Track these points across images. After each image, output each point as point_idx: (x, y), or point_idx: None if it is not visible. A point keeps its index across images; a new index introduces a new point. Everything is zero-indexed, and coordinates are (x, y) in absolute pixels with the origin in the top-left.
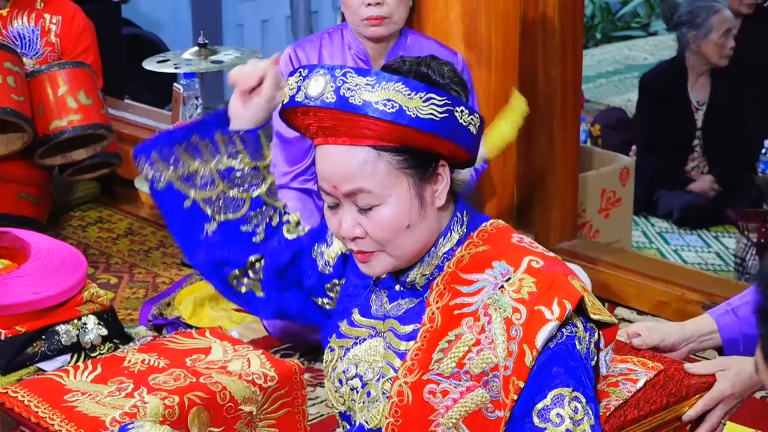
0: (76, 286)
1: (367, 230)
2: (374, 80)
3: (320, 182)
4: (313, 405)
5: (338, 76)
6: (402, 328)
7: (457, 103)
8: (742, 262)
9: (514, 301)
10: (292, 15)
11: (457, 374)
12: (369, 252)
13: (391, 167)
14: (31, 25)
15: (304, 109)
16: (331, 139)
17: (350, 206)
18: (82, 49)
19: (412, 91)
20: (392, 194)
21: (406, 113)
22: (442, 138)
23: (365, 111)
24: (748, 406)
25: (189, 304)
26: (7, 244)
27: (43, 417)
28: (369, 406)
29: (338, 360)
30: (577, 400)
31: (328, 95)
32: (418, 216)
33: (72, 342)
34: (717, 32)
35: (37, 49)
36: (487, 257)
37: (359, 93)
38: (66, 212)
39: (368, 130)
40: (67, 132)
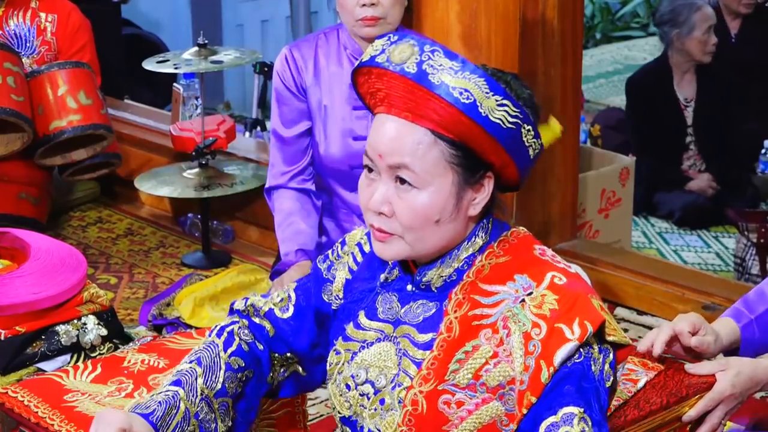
0: (75, 286)
1: (395, 210)
2: (459, 66)
3: (367, 148)
4: (313, 405)
5: (426, 50)
6: (419, 336)
7: (527, 121)
8: (741, 262)
9: (535, 316)
10: (291, 15)
11: (473, 386)
12: (388, 233)
13: (442, 157)
14: (27, 24)
15: (381, 71)
16: (395, 111)
17: (388, 181)
18: (79, 47)
19: (491, 90)
20: (434, 183)
21: (478, 109)
22: (501, 147)
23: (440, 92)
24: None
25: (189, 304)
26: (7, 244)
27: (43, 417)
28: (383, 414)
29: (345, 364)
30: (585, 422)
31: (410, 65)
32: (450, 215)
33: (72, 342)
34: (700, 29)
35: (33, 48)
36: (509, 269)
37: (440, 73)
38: (66, 212)
39: (434, 113)
40: (67, 132)
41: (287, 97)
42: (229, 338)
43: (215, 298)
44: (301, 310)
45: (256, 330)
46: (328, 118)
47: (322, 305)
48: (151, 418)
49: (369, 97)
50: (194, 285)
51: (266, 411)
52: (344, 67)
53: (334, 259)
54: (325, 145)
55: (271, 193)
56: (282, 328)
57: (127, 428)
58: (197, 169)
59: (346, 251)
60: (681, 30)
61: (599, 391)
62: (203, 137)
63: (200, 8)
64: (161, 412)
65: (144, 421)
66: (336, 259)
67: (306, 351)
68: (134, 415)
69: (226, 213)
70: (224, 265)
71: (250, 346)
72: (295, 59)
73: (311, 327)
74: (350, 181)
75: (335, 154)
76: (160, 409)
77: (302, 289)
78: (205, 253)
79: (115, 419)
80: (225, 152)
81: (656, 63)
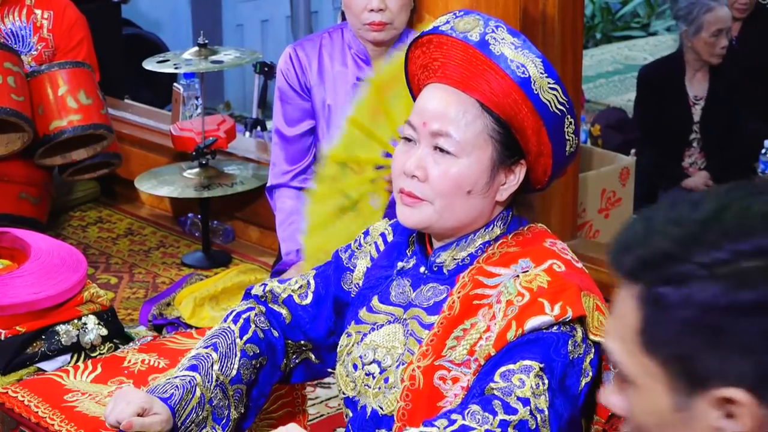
0: (76, 286)
1: (429, 175)
2: (520, 43)
3: (412, 116)
4: (313, 405)
5: (490, 24)
6: (427, 318)
7: (571, 114)
8: None
9: (522, 288)
10: (292, 15)
11: (467, 362)
12: (417, 198)
13: (485, 130)
14: (23, 22)
15: (442, 40)
16: (447, 80)
17: (426, 147)
18: (76, 43)
19: (546, 72)
20: (472, 154)
21: (531, 86)
22: (544, 129)
23: (498, 62)
24: None
25: (189, 304)
26: (7, 244)
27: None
28: (386, 392)
29: (355, 345)
30: (542, 379)
31: (473, 34)
32: (481, 190)
33: (72, 342)
34: (708, 30)
35: (31, 46)
36: (515, 255)
37: (501, 45)
38: (66, 212)
39: (487, 84)
40: (67, 132)
41: (291, 96)
42: (245, 325)
43: (215, 298)
44: (320, 297)
45: (272, 317)
46: (332, 118)
47: (341, 293)
48: (169, 402)
49: (421, 72)
50: (194, 285)
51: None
52: (348, 67)
53: (355, 248)
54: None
55: (272, 192)
56: (300, 314)
57: (148, 408)
58: (197, 169)
59: (369, 241)
60: (689, 28)
61: (569, 369)
62: (203, 137)
63: (200, 8)
64: (179, 397)
65: (163, 404)
66: (357, 249)
67: (322, 338)
68: (154, 397)
69: (226, 213)
70: (224, 265)
71: (265, 334)
72: (299, 58)
73: (329, 315)
74: None
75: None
76: (177, 394)
77: (322, 276)
78: (205, 253)
79: (136, 398)
80: (225, 152)
81: (671, 57)
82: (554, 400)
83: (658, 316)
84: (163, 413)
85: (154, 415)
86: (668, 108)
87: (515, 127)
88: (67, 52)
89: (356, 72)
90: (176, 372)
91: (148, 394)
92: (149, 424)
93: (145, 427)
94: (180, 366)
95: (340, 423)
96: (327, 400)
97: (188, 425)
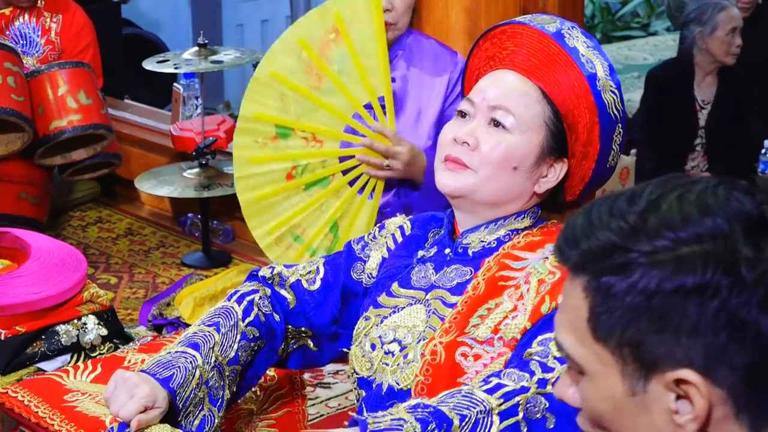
0: (75, 286)
1: (480, 143)
2: (593, 44)
3: (471, 94)
4: (313, 405)
5: (566, 24)
6: (451, 298)
7: (623, 124)
8: None
9: (553, 267)
10: (292, 15)
11: (491, 340)
12: (463, 164)
13: (542, 116)
14: (32, 24)
15: (517, 30)
16: (515, 66)
17: (482, 120)
18: (82, 48)
19: (611, 76)
20: (526, 133)
21: (597, 83)
22: (597, 128)
23: (571, 54)
24: None
25: (189, 304)
26: (7, 244)
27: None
28: (404, 368)
29: (374, 327)
30: None
31: (550, 27)
32: (527, 170)
33: (72, 342)
34: (723, 29)
35: (38, 48)
36: (541, 242)
37: (575, 41)
38: (66, 212)
39: (555, 75)
40: (67, 132)
41: None
42: (248, 307)
43: (215, 298)
44: (328, 284)
45: (276, 300)
46: None
47: (350, 282)
48: (171, 384)
49: (485, 63)
50: (194, 285)
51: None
52: None
53: (369, 240)
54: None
55: None
56: (306, 300)
57: (150, 406)
58: (197, 168)
59: (384, 234)
60: (704, 29)
61: None
62: (203, 137)
63: (200, 8)
64: (181, 378)
65: (165, 393)
66: (371, 240)
67: (324, 325)
68: (156, 385)
69: (226, 213)
70: (224, 265)
71: (267, 318)
72: None
73: (335, 302)
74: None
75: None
76: (179, 375)
77: (331, 264)
78: (205, 253)
79: (140, 394)
80: (225, 152)
81: (679, 60)
82: None
83: (606, 305)
84: (164, 405)
85: (156, 408)
86: (674, 112)
87: (569, 122)
88: (72, 56)
89: None
90: (176, 347)
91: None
92: (153, 419)
93: (149, 422)
94: (181, 340)
95: (341, 422)
96: (327, 400)
97: (187, 406)
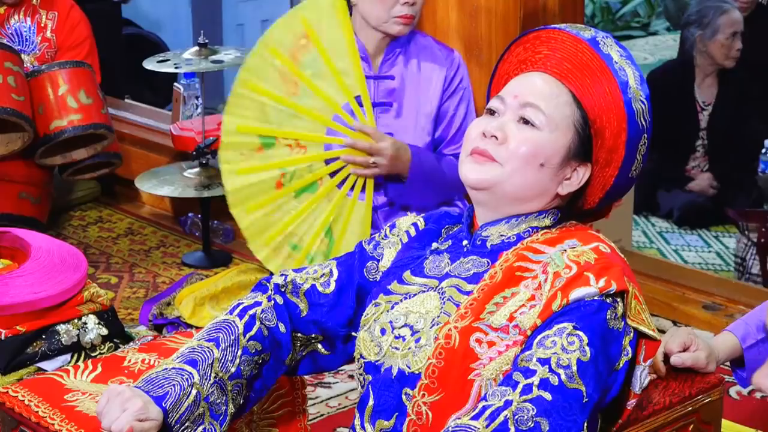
0: (76, 285)
1: (509, 137)
2: (626, 54)
3: (501, 93)
4: (313, 405)
5: (600, 33)
6: (467, 286)
7: (649, 134)
8: (742, 261)
9: (570, 261)
10: None
11: (506, 327)
12: (490, 157)
13: (572, 118)
14: (27, 22)
15: (552, 35)
16: (548, 69)
17: (512, 117)
18: (78, 44)
19: (641, 86)
20: (554, 132)
21: (627, 90)
22: (624, 135)
23: (605, 60)
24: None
25: (189, 304)
26: (7, 243)
27: (44, 417)
28: (416, 351)
29: (384, 312)
30: (578, 337)
31: (585, 33)
32: (553, 168)
33: (72, 342)
34: (723, 33)
35: (34, 46)
36: (561, 237)
37: (609, 49)
38: (66, 212)
39: (588, 79)
40: (67, 132)
41: None
42: (250, 321)
43: (215, 297)
44: (342, 285)
45: (287, 309)
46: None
47: (365, 283)
48: (163, 404)
49: (515, 67)
50: (195, 284)
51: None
52: None
53: (380, 239)
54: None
55: None
56: (320, 303)
57: (143, 419)
58: (198, 168)
59: (395, 233)
60: (705, 32)
61: (608, 335)
62: (204, 137)
63: (201, 8)
64: (174, 397)
65: (158, 409)
66: (383, 239)
67: (339, 326)
68: (149, 400)
69: (227, 213)
70: (224, 264)
71: (270, 331)
72: None
73: (350, 304)
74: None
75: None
76: (173, 393)
77: (344, 265)
78: (205, 253)
79: (132, 408)
80: None
81: (680, 62)
82: (597, 357)
83: None
84: (158, 418)
85: (151, 420)
86: (676, 113)
87: (596, 128)
88: (68, 50)
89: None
90: (173, 363)
91: (142, 397)
92: (148, 429)
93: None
94: (179, 355)
95: (340, 423)
96: (327, 400)
97: (183, 422)
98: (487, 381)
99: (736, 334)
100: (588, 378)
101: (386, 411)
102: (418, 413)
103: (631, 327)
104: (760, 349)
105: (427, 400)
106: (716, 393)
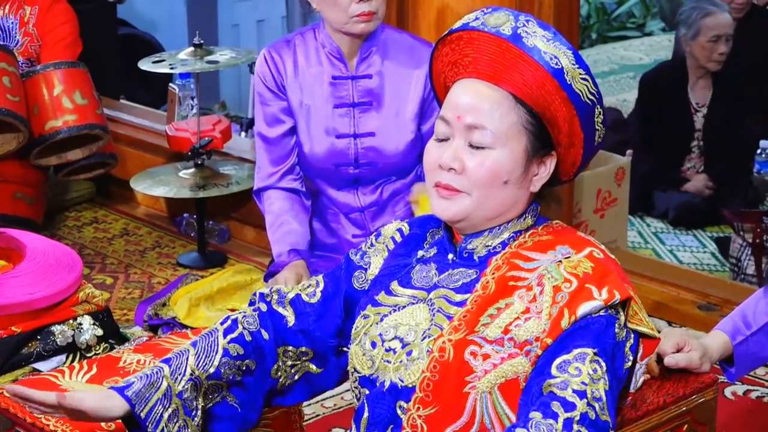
0: (71, 286)
1: (466, 166)
2: (552, 36)
3: (444, 111)
4: (309, 405)
5: (521, 19)
6: (456, 297)
7: (600, 104)
8: (737, 262)
9: (568, 274)
10: (287, 15)
11: (500, 340)
12: (455, 190)
13: (519, 122)
14: (11, 17)
15: (473, 36)
16: (479, 75)
17: (461, 140)
18: (61, 38)
19: (577, 63)
20: (507, 145)
21: (565, 76)
22: (576, 118)
23: (532, 54)
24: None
25: (184, 305)
26: (2, 244)
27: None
28: (408, 365)
29: (373, 325)
30: (599, 364)
31: (505, 28)
32: (517, 180)
33: (67, 342)
34: (705, 35)
35: (16, 40)
36: (551, 243)
37: (534, 38)
38: (61, 212)
39: (520, 76)
40: (62, 132)
41: (269, 97)
42: (231, 325)
43: (211, 298)
44: (328, 295)
45: (270, 318)
46: (311, 118)
47: (352, 292)
48: (126, 392)
49: (449, 69)
50: (190, 285)
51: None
52: (324, 66)
53: (367, 248)
54: (309, 144)
55: (260, 195)
56: (306, 313)
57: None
58: (193, 169)
59: (381, 241)
60: (688, 32)
61: (617, 351)
62: (199, 137)
63: (196, 8)
64: (140, 386)
65: (122, 403)
66: (369, 248)
67: (327, 338)
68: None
69: (222, 213)
70: (220, 265)
71: (253, 336)
72: (273, 59)
73: (338, 313)
74: (336, 179)
75: (319, 153)
76: (138, 383)
77: (331, 276)
78: (200, 253)
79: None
80: (221, 152)
81: (673, 63)
82: (613, 382)
83: None
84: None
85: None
86: (670, 115)
87: (547, 118)
88: (51, 47)
89: (331, 71)
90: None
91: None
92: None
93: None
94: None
95: (337, 423)
96: (323, 400)
97: (155, 417)
98: (482, 394)
99: (726, 331)
100: (611, 408)
101: (381, 423)
102: (413, 426)
103: (631, 331)
104: (748, 344)
105: (422, 413)
106: (710, 393)
